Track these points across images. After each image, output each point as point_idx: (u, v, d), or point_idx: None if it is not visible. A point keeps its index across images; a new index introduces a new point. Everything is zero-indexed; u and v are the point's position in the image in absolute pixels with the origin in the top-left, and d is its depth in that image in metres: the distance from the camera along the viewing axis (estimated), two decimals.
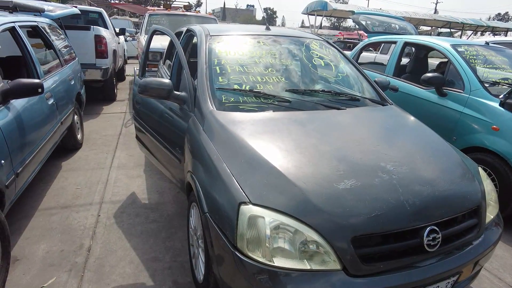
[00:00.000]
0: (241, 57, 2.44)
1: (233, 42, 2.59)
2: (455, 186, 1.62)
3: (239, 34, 2.69)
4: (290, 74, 2.46)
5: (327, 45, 2.95)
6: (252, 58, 2.45)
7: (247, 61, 2.41)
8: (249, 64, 2.39)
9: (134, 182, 3.35)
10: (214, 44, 2.52)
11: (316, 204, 1.36)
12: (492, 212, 1.80)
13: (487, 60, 3.59)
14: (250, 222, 1.35)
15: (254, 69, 2.36)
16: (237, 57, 2.44)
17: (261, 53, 2.52)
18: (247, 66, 2.37)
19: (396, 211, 1.40)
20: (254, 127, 1.85)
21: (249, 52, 2.51)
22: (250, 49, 2.55)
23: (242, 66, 2.36)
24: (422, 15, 22.44)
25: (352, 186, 1.45)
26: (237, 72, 2.32)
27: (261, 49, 2.57)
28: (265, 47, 2.61)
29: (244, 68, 2.35)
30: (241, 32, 2.73)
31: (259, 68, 2.38)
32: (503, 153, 2.78)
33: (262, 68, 2.39)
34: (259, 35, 2.73)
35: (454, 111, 3.26)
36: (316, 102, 2.23)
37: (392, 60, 4.27)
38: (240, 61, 2.41)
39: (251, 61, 2.42)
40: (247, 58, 2.44)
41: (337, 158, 1.62)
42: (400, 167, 1.61)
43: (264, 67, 2.40)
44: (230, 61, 2.39)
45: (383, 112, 2.33)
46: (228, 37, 2.63)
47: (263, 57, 2.49)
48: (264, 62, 2.45)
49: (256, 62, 2.43)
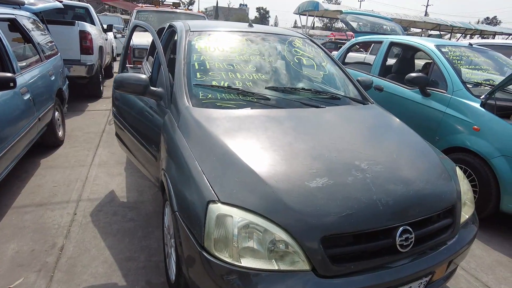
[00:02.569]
0: (221, 54, 2.40)
1: (213, 38, 2.54)
2: (430, 186, 1.60)
3: (220, 31, 2.65)
4: (271, 71, 2.43)
5: (310, 43, 2.93)
6: (232, 55, 2.41)
7: (227, 58, 2.37)
8: (229, 60, 2.35)
9: (114, 180, 3.28)
10: (194, 39, 2.47)
11: (286, 203, 1.33)
12: (468, 211, 1.79)
13: (470, 61, 3.61)
14: (218, 221, 1.31)
15: (234, 66, 2.32)
16: (217, 54, 2.39)
17: (242, 50, 2.48)
18: (227, 62, 2.33)
19: (368, 211, 1.38)
20: (229, 124, 1.81)
21: (230, 48, 2.47)
22: (231, 45, 2.51)
23: (221, 62, 2.32)
24: (413, 17, 22.70)
25: (324, 185, 1.42)
26: (216, 68, 2.27)
27: (242, 46, 2.54)
28: (247, 44, 2.57)
29: (224, 64, 2.31)
30: (222, 29, 2.68)
31: (239, 65, 2.34)
32: (483, 153, 2.79)
33: (242, 65, 2.35)
34: (241, 32, 2.69)
35: (437, 111, 3.26)
36: (296, 100, 2.20)
37: (378, 60, 4.27)
38: (220, 57, 2.36)
39: (231, 58, 2.38)
40: (227, 55, 2.40)
41: (311, 156, 1.59)
42: (375, 166, 1.59)
43: (244, 64, 2.36)
44: (210, 57, 2.34)
45: (363, 111, 2.31)
46: (209, 33, 2.58)
47: (244, 54, 2.46)
48: (244, 59, 2.41)
49: (237, 59, 2.40)
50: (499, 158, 2.70)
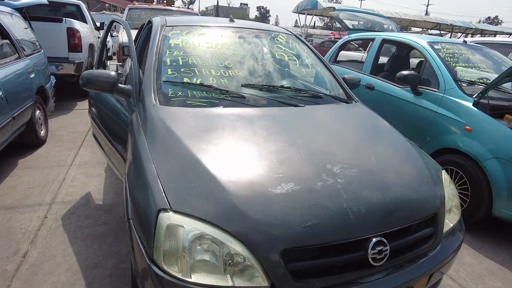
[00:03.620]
0: (196, 49, 2.27)
1: (190, 33, 2.41)
2: (410, 192, 1.47)
3: (198, 25, 2.52)
4: (249, 68, 2.30)
5: (295, 39, 2.80)
6: (208, 50, 2.28)
7: (203, 53, 2.24)
8: (204, 56, 2.22)
9: (92, 181, 3.15)
10: (169, 34, 2.34)
11: (244, 212, 1.20)
12: (453, 219, 1.66)
13: (464, 59, 3.47)
14: (169, 232, 1.18)
15: (209, 62, 2.19)
16: (192, 49, 2.26)
17: (219, 46, 2.35)
18: (202, 58, 2.20)
19: (336, 220, 1.25)
20: (195, 124, 1.68)
21: (207, 44, 2.34)
22: (208, 41, 2.38)
23: (196, 58, 2.19)
24: (413, 16, 22.51)
25: (289, 191, 1.29)
26: (189, 64, 2.14)
27: (221, 41, 2.41)
28: (226, 40, 2.44)
29: (198, 60, 2.18)
30: (201, 24, 2.55)
31: (215, 61, 2.21)
32: (475, 155, 2.65)
33: (219, 61, 2.22)
34: (221, 27, 2.56)
35: (428, 111, 3.13)
36: (274, 99, 2.07)
37: (369, 58, 4.14)
38: (195, 53, 2.24)
39: (208, 54, 2.25)
40: (204, 50, 2.27)
41: (279, 159, 1.46)
42: (349, 170, 1.46)
43: (221, 60, 2.23)
44: (184, 53, 2.21)
45: (346, 110, 2.18)
46: (186, 28, 2.45)
47: (222, 49, 2.33)
48: (221, 55, 2.28)
49: (213, 54, 2.27)
50: (492, 160, 2.56)
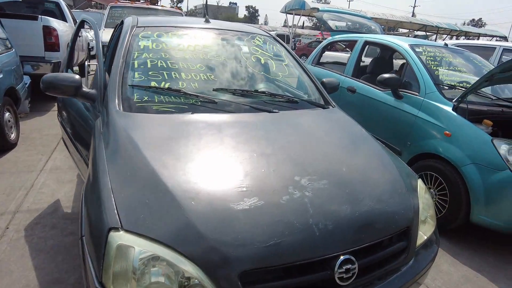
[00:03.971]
0: (167, 51, 2.17)
1: (162, 34, 2.30)
2: (381, 205, 1.40)
3: (171, 26, 2.41)
4: (223, 71, 2.21)
5: (273, 41, 2.71)
6: (180, 53, 2.18)
7: (174, 56, 2.14)
8: (175, 59, 2.12)
9: (62, 187, 3.01)
10: (139, 35, 2.23)
11: (201, 231, 1.11)
12: (428, 231, 1.60)
13: (445, 62, 3.45)
14: (118, 253, 1.08)
15: (180, 65, 2.09)
16: (162, 51, 2.16)
17: (192, 48, 2.25)
18: (173, 61, 2.10)
19: (301, 238, 1.17)
20: (159, 132, 1.58)
21: (178, 45, 2.24)
22: (180, 42, 2.28)
23: (166, 61, 2.09)
24: (399, 17, 22.75)
25: (252, 207, 1.20)
26: (159, 67, 2.04)
27: (194, 43, 2.31)
28: (199, 41, 2.34)
29: (168, 63, 2.08)
30: (174, 24, 2.45)
31: (186, 63, 2.11)
32: (454, 161, 2.62)
33: (190, 64, 2.12)
34: (195, 28, 2.46)
35: (409, 115, 3.09)
36: (247, 104, 1.98)
37: (352, 60, 4.09)
38: (165, 55, 2.13)
39: (179, 56, 2.15)
40: (174, 52, 2.17)
41: (245, 171, 1.37)
42: (318, 182, 1.38)
43: (192, 62, 2.14)
44: (153, 55, 2.11)
45: (321, 116, 2.11)
46: (158, 29, 2.34)
47: (194, 52, 2.23)
48: (193, 57, 2.18)
49: (185, 57, 2.17)
50: (470, 166, 2.53)
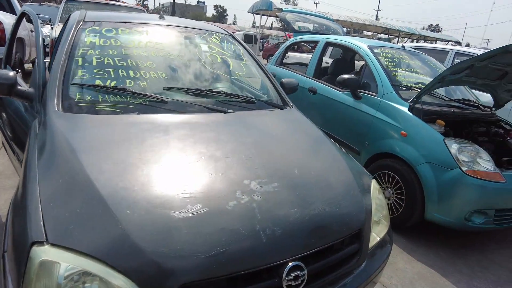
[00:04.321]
0: (116, 48, 2.03)
1: (111, 30, 2.16)
2: (333, 207, 1.37)
3: (121, 22, 2.28)
4: (175, 69, 2.11)
5: (231, 40, 2.64)
6: (129, 50, 2.06)
7: (122, 53, 2.01)
8: (124, 56, 2.00)
9: (3, 194, 2.77)
10: (86, 31, 2.08)
11: (137, 242, 1.02)
12: (381, 231, 1.60)
13: (402, 64, 3.53)
14: (41, 270, 0.97)
15: (129, 63, 1.97)
16: (110, 48, 2.02)
17: (143, 45, 2.13)
18: (121, 58, 1.97)
19: (247, 245, 1.11)
20: (99, 134, 1.46)
21: (128, 42, 2.11)
22: (131, 39, 2.15)
23: (114, 58, 1.96)
24: (363, 20, 23.51)
25: (195, 214, 1.13)
26: (105, 65, 1.91)
27: (146, 40, 2.19)
28: (151, 38, 2.22)
29: (116, 60, 1.95)
30: (126, 20, 2.31)
31: (136, 61, 1.99)
32: (410, 160, 2.68)
33: (140, 61, 2.01)
34: (148, 25, 2.34)
35: (367, 115, 3.13)
36: (199, 104, 1.89)
37: (313, 61, 4.11)
38: (113, 52, 2.00)
39: (128, 53, 2.03)
40: (123, 49, 2.04)
41: (190, 176, 1.29)
42: (268, 185, 1.33)
43: (142, 60, 2.02)
44: (100, 52, 1.97)
45: (278, 117, 2.07)
46: (107, 25, 2.20)
47: (146, 49, 2.11)
48: (144, 54, 2.06)
49: (135, 54, 2.04)
50: (424, 165, 2.59)
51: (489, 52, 2.58)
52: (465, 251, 2.72)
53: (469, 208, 2.48)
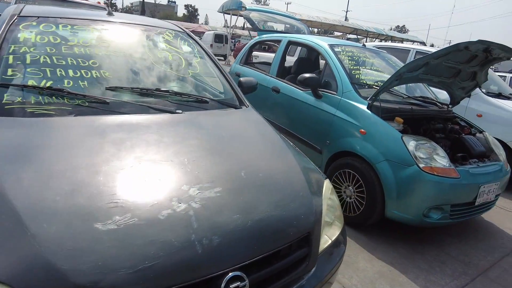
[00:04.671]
0: (54, 45, 1.88)
1: (50, 26, 2.01)
2: (279, 211, 1.31)
3: (64, 17, 2.12)
4: (121, 68, 1.98)
5: (185, 37, 2.54)
6: (70, 48, 1.91)
7: (62, 51, 1.87)
8: (63, 54, 1.85)
9: None
10: (20, 26, 1.92)
11: (52, 260, 0.91)
12: (334, 233, 1.55)
13: (363, 62, 3.55)
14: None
15: (68, 61, 1.83)
16: (48, 45, 1.87)
17: (87, 42, 1.99)
18: (59, 56, 1.83)
19: (179, 258, 1.02)
20: (27, 139, 1.33)
21: (69, 39, 1.96)
22: (72, 36, 2.00)
23: (52, 56, 1.81)
24: (332, 21, 23.93)
25: (122, 226, 1.03)
26: (41, 63, 1.76)
27: (90, 37, 2.05)
28: (96, 35, 2.09)
29: (54, 59, 1.80)
30: (68, 16, 2.16)
31: (77, 59, 1.85)
32: (369, 158, 2.68)
33: (82, 59, 1.87)
34: (94, 21, 2.20)
35: (328, 114, 3.11)
36: (144, 104, 1.78)
37: (276, 60, 4.06)
38: (51, 50, 1.85)
39: (68, 51, 1.88)
40: (63, 47, 1.89)
41: (121, 183, 1.18)
42: (210, 191, 1.24)
43: (84, 58, 1.88)
44: (36, 49, 1.82)
45: (231, 117, 1.99)
46: (45, 20, 2.04)
47: (89, 46, 1.97)
48: (87, 53, 1.93)
49: (76, 52, 1.90)
50: (383, 163, 2.60)
51: (442, 50, 2.62)
52: (424, 246, 2.75)
53: (427, 204, 2.51)
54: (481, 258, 2.69)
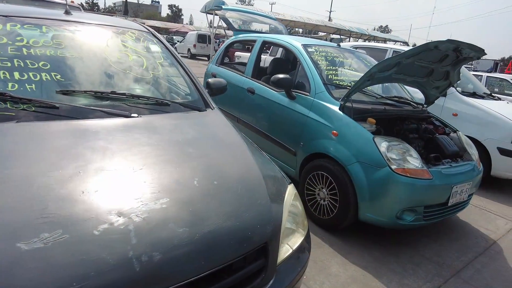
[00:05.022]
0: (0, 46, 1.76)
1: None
2: (232, 222, 1.23)
3: (13, 16, 1.99)
4: (75, 70, 1.87)
5: (149, 37, 2.44)
6: (18, 49, 1.79)
7: (8, 52, 1.74)
8: (9, 56, 1.73)
9: None
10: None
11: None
12: (296, 241, 1.48)
13: (337, 62, 3.51)
14: None
15: (15, 63, 1.70)
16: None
17: (38, 42, 1.87)
18: (4, 58, 1.70)
19: (112, 278, 0.92)
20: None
21: (17, 39, 1.84)
22: (22, 36, 1.88)
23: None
24: (315, 21, 24.05)
25: (49, 244, 0.93)
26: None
27: (41, 37, 1.93)
28: (50, 35, 1.97)
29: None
30: (18, 14, 2.03)
31: (24, 61, 1.73)
32: (341, 160, 2.63)
33: (31, 61, 1.75)
34: (48, 20, 2.07)
35: (301, 115, 3.05)
36: (97, 108, 1.67)
37: (251, 60, 3.99)
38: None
39: (16, 52, 1.76)
40: (10, 48, 1.77)
41: (55, 195, 1.08)
42: (155, 202, 1.15)
43: (34, 60, 1.76)
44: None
45: (193, 120, 1.90)
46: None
47: (40, 47, 1.85)
48: (37, 54, 1.81)
49: (24, 54, 1.78)
50: (355, 165, 2.55)
51: (413, 49, 2.59)
52: (399, 248, 2.72)
53: (400, 206, 2.48)
54: (455, 259, 2.67)
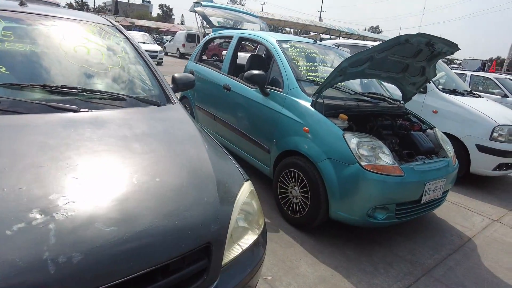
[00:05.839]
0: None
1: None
2: (169, 221, 1.15)
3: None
4: (24, 63, 1.78)
5: (111, 31, 2.35)
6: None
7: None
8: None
9: None
10: None
11: None
12: (247, 241, 1.41)
13: (312, 58, 3.46)
14: None
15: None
16: None
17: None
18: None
19: (20, 281, 0.85)
20: None
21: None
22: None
23: None
24: (305, 20, 24.07)
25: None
26: None
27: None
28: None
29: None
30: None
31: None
32: (312, 157, 2.57)
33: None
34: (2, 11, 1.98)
35: (274, 112, 2.99)
36: (41, 103, 1.58)
37: (228, 57, 3.92)
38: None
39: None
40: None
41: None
42: (84, 200, 1.07)
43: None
44: None
45: (149, 115, 1.82)
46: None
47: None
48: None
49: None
50: (325, 161, 2.50)
51: (384, 43, 2.54)
52: (372, 247, 2.67)
53: (370, 204, 2.42)
54: (428, 257, 2.63)
